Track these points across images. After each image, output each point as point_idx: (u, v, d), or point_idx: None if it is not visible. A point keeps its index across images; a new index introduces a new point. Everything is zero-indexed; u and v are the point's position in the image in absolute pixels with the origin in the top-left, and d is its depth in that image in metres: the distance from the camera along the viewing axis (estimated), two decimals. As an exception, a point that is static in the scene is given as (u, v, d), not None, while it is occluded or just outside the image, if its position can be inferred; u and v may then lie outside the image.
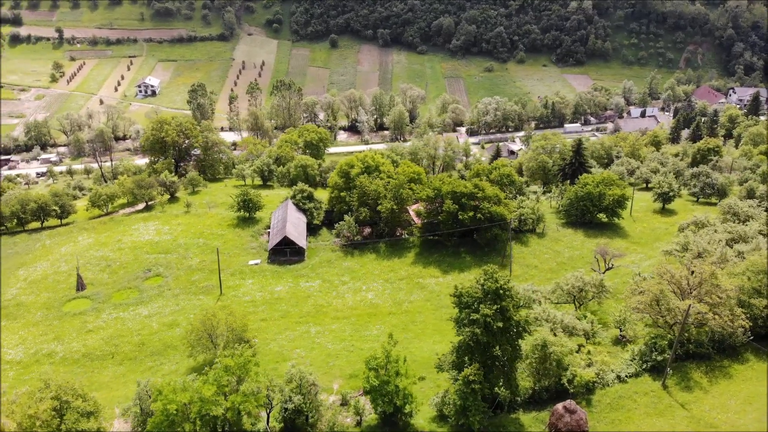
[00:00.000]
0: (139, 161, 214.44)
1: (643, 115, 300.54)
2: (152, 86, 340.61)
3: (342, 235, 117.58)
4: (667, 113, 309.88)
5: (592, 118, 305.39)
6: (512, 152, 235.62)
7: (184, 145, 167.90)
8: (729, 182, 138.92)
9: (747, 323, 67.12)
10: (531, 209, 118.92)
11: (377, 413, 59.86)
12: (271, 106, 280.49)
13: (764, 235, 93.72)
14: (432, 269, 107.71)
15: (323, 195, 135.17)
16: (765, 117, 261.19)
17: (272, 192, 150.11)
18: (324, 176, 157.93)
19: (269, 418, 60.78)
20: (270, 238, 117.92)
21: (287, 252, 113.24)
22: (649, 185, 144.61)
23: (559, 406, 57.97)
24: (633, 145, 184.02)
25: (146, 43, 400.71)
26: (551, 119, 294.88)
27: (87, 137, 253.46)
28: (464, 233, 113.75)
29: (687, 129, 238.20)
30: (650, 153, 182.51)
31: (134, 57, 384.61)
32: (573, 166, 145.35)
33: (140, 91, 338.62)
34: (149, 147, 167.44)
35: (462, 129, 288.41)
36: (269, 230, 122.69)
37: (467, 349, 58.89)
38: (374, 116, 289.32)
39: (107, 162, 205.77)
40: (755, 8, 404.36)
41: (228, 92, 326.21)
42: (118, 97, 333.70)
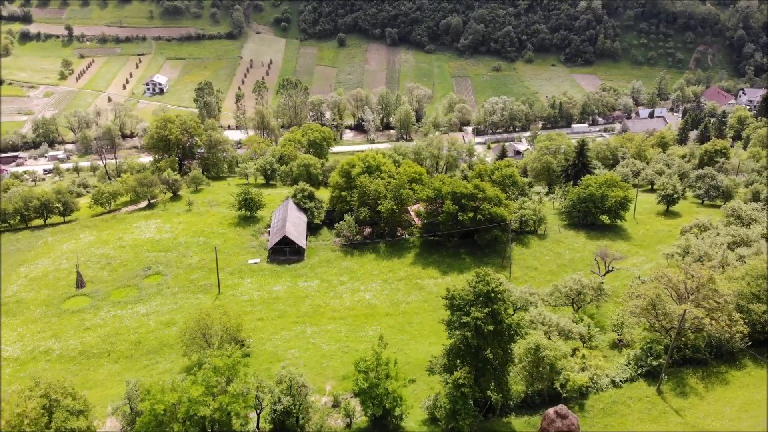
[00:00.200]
0: (145, 159, 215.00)
1: (652, 116, 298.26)
2: (160, 84, 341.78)
3: (342, 235, 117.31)
4: (676, 114, 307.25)
5: (600, 119, 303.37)
6: (518, 152, 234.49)
7: (188, 144, 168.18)
8: (734, 185, 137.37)
9: (745, 329, 66.20)
10: (532, 210, 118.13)
11: (367, 416, 59.47)
12: (278, 105, 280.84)
13: (767, 239, 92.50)
14: (431, 270, 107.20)
15: (326, 194, 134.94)
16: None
17: (275, 191, 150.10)
18: (327, 175, 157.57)
19: (259, 419, 60.56)
20: (270, 238, 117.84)
21: (287, 251, 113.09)
22: (654, 187, 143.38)
23: (551, 411, 57.36)
24: (639, 146, 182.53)
25: (155, 41, 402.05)
26: (558, 119, 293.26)
27: (94, 135, 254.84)
28: (465, 234, 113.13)
29: (695, 130, 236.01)
30: (657, 154, 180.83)
31: (143, 55, 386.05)
32: (576, 167, 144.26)
33: (148, 89, 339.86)
34: (153, 145, 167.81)
35: (468, 128, 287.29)
36: (270, 229, 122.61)
37: (458, 353, 58.38)
38: (380, 115, 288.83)
39: (112, 159, 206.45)
40: (766, 8, 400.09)
41: (235, 90, 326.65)
42: (126, 95, 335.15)
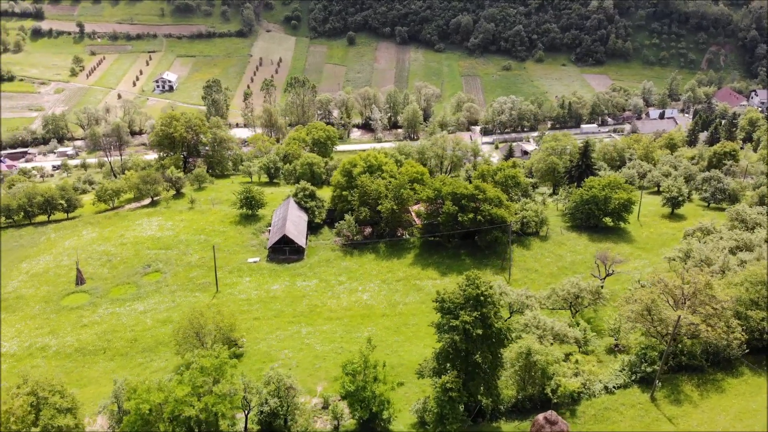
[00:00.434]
0: (151, 156, 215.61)
1: (662, 117, 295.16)
2: (170, 81, 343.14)
3: (342, 235, 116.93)
4: (687, 115, 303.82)
5: (610, 119, 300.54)
6: (525, 152, 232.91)
7: (193, 142, 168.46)
8: (741, 188, 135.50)
9: (743, 336, 65.06)
10: (534, 212, 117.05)
11: (355, 419, 59.03)
12: (286, 103, 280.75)
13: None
14: (430, 271, 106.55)
15: (329, 193, 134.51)
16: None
17: (278, 189, 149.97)
18: (330, 174, 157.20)
19: (247, 420, 60.31)
20: (270, 236, 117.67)
21: (286, 250, 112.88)
22: (660, 189, 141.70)
23: (540, 417, 56.61)
24: (646, 148, 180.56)
25: (166, 39, 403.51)
26: (567, 119, 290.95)
27: (103, 131, 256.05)
28: (465, 235, 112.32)
29: (705, 132, 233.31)
30: (664, 156, 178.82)
31: (153, 52, 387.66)
32: (580, 169, 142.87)
33: (158, 86, 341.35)
34: (159, 142, 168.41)
35: (477, 128, 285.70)
36: (270, 228, 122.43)
37: (447, 356, 57.79)
38: (388, 114, 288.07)
39: (117, 156, 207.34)
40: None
41: (244, 88, 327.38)
42: (136, 92, 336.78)
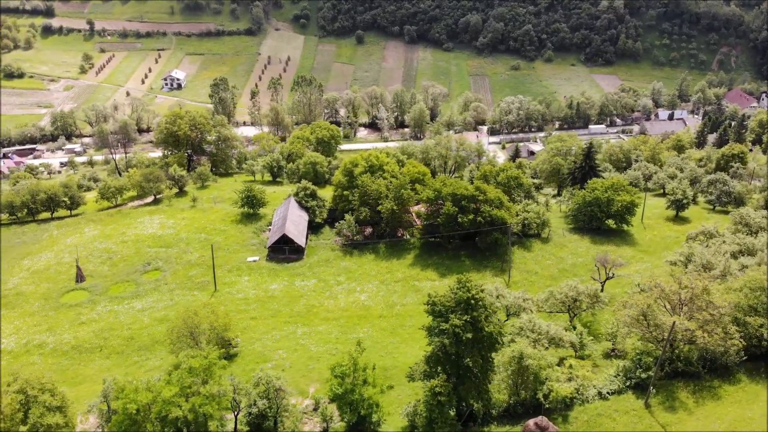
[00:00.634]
0: (157, 154, 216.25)
1: (671, 118, 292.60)
2: (178, 79, 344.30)
3: (342, 235, 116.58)
4: (697, 116, 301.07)
5: (619, 120, 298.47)
6: (532, 153, 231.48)
7: (198, 140, 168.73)
8: (747, 191, 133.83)
9: (741, 342, 64.01)
10: (536, 213, 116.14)
11: (345, 421, 58.63)
12: (293, 102, 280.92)
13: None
14: (429, 272, 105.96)
15: (331, 193, 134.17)
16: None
17: (280, 188, 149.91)
18: (334, 174, 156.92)
19: (237, 421, 60.06)
20: (270, 236, 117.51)
21: (286, 250, 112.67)
22: (665, 191, 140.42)
23: (531, 423, 55.98)
24: (653, 149, 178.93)
25: (175, 37, 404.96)
26: (576, 120, 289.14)
27: (111, 129, 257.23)
28: (466, 236, 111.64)
29: (714, 133, 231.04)
30: (671, 157, 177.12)
31: (163, 50, 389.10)
32: (583, 170, 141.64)
33: (166, 84, 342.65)
34: (163, 140, 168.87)
35: (484, 128, 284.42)
36: (271, 227, 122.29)
37: (438, 360, 57.24)
38: (395, 114, 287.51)
39: (127, 154, 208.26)
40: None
41: (252, 87, 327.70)
42: (145, 90, 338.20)
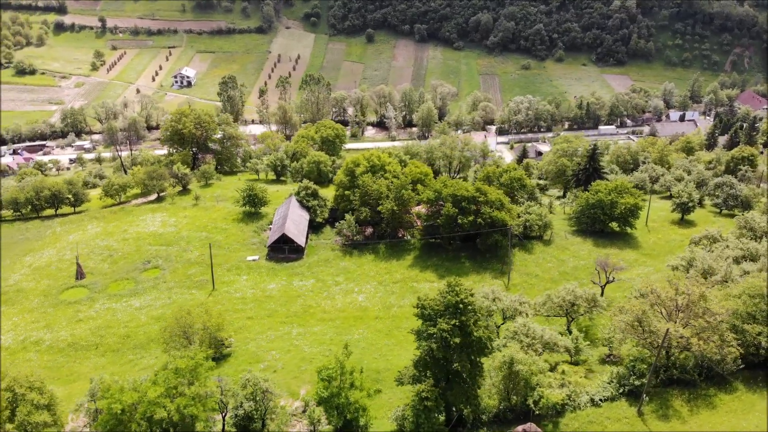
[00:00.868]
0: (163, 151, 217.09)
1: (682, 119, 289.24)
2: (188, 77, 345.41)
3: (342, 234, 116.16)
4: (708, 118, 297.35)
5: (629, 121, 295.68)
6: (540, 153, 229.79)
7: (202, 138, 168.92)
8: (755, 194, 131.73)
9: (737, 350, 62.82)
10: (538, 215, 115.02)
11: (332, 425, 58.18)
12: (301, 101, 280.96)
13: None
14: (429, 273, 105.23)
15: (333, 192, 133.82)
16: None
17: (284, 187, 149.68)
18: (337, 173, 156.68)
19: (224, 423, 59.80)
20: (270, 235, 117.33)
21: (285, 249, 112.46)
22: (671, 194, 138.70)
23: (519, 429, 55.28)
24: (661, 151, 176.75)
25: (186, 35, 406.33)
26: (585, 120, 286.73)
27: (120, 126, 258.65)
28: (466, 237, 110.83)
29: (725, 135, 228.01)
30: (679, 160, 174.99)
31: (174, 48, 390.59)
32: (587, 172, 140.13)
33: (176, 82, 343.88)
34: (169, 138, 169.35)
35: (492, 128, 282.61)
36: (272, 226, 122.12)
37: (426, 364, 56.62)
38: (403, 113, 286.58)
39: (135, 151, 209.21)
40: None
41: (261, 85, 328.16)
42: (155, 87, 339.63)
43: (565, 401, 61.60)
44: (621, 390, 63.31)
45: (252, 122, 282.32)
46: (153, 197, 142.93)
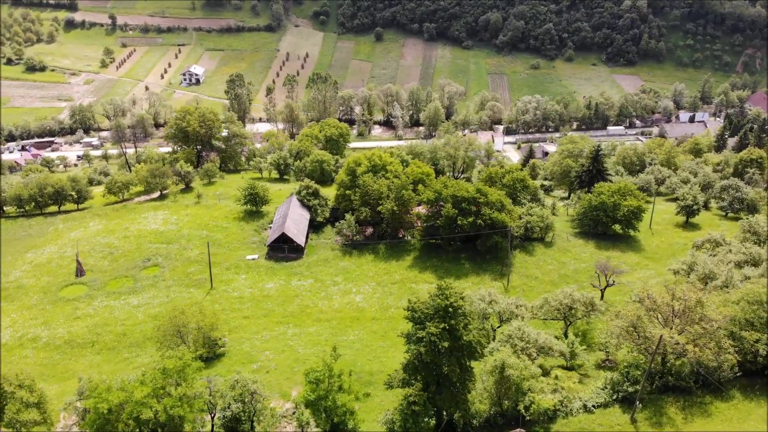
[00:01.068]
0: (168, 149, 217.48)
1: (692, 120, 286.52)
2: (196, 75, 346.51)
3: (342, 234, 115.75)
4: (719, 119, 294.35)
5: (638, 121, 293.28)
6: (546, 153, 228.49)
7: (207, 136, 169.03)
8: (761, 197, 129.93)
9: (734, 358, 61.76)
10: (539, 217, 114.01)
11: (320, 428, 57.76)
12: (308, 99, 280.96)
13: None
14: (428, 274, 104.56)
15: (334, 192, 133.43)
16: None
17: (286, 186, 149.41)
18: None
19: (213, 424, 59.56)
20: (270, 234, 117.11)
21: (285, 249, 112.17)
22: (676, 196, 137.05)
23: (508, 435, 54.55)
24: (668, 153, 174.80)
25: (195, 32, 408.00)
26: (594, 121, 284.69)
27: (128, 123, 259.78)
28: (467, 239, 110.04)
29: (735, 137, 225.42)
30: (687, 161, 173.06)
31: (183, 45, 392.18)
32: (590, 174, 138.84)
33: (185, 80, 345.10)
34: (173, 136, 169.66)
35: (500, 127, 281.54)
36: (272, 225, 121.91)
37: (415, 368, 56.05)
38: (410, 112, 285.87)
39: (134, 149, 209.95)
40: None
41: (269, 83, 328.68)
42: (164, 85, 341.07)
43: (557, 407, 60.80)
44: (615, 396, 62.39)
45: (259, 120, 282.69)
46: (156, 195, 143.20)
